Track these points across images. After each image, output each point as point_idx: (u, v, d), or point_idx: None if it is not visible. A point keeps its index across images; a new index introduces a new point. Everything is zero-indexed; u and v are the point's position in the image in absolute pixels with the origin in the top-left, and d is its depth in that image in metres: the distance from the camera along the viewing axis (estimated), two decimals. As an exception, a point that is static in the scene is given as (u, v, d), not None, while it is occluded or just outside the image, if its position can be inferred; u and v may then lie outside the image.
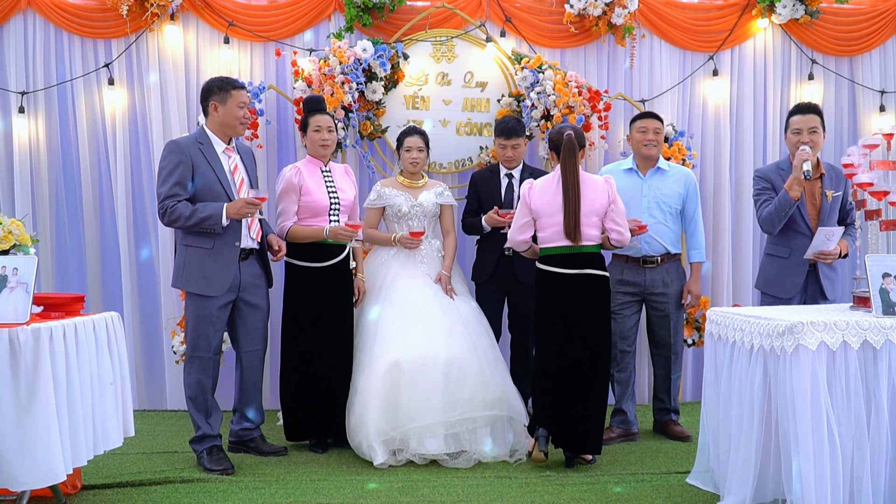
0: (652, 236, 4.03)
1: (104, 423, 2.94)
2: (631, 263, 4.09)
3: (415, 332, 3.74)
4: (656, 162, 4.13)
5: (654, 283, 4.07)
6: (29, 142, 4.74)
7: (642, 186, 4.10)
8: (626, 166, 4.17)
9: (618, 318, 4.07)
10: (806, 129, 3.79)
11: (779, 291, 3.86)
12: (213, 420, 3.60)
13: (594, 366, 3.52)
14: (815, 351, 2.50)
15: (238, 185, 3.61)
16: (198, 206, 3.44)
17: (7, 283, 2.65)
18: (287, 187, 3.84)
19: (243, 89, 3.64)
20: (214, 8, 4.76)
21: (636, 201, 4.05)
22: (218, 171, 3.54)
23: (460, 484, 3.32)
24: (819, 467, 2.46)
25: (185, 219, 3.43)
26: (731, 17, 5.08)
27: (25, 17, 4.73)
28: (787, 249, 3.86)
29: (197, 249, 3.52)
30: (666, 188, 4.10)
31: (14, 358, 2.56)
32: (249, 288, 3.66)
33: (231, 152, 3.65)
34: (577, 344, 3.51)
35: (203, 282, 3.51)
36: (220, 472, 3.45)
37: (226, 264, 3.53)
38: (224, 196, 3.52)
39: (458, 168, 4.86)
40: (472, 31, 4.83)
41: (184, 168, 3.47)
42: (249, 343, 3.73)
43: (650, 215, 4.04)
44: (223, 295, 3.55)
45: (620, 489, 3.26)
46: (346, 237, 3.81)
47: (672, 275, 4.10)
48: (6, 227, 2.96)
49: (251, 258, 3.68)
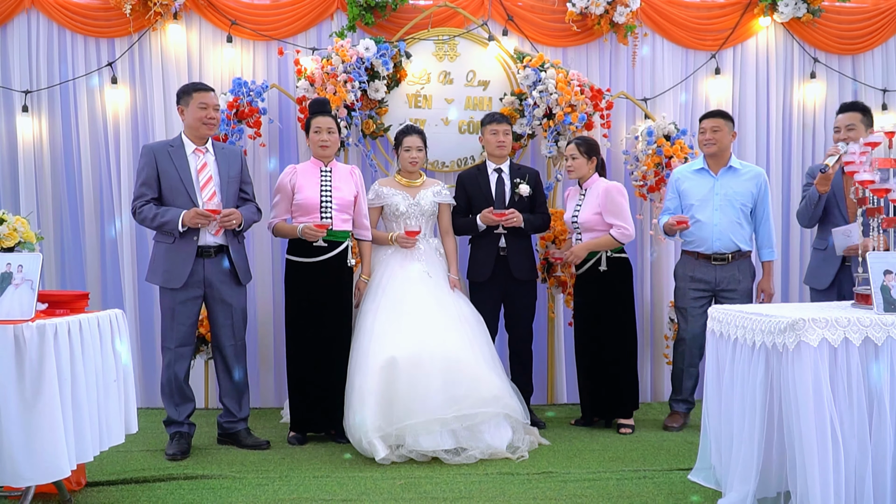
0: (724, 234, 4.14)
1: (108, 420, 2.95)
2: (701, 260, 4.20)
3: (411, 330, 3.76)
4: (728, 160, 4.22)
5: (724, 280, 4.17)
6: (32, 140, 4.76)
7: (714, 185, 4.21)
8: (697, 166, 4.29)
9: (688, 315, 4.24)
10: (844, 126, 3.91)
11: (817, 283, 4.00)
12: (181, 408, 3.82)
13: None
14: (816, 347, 2.50)
15: (203, 183, 3.78)
16: (160, 209, 3.70)
17: (12, 280, 2.66)
18: (278, 186, 4.01)
19: (207, 91, 3.83)
20: (217, 7, 4.78)
21: (708, 199, 4.18)
22: (181, 171, 3.76)
23: (462, 480, 3.33)
24: (822, 463, 2.46)
25: (149, 220, 3.72)
26: (734, 15, 5.09)
27: (29, 16, 4.74)
28: (824, 242, 3.96)
29: (162, 244, 3.78)
30: (738, 186, 4.19)
31: (19, 354, 2.56)
32: (217, 285, 3.81)
33: (201, 153, 3.84)
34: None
35: (166, 275, 3.75)
36: (169, 458, 3.68)
37: (184, 259, 3.72)
38: (185, 194, 3.74)
39: (459, 167, 4.87)
40: (475, 29, 4.84)
41: (149, 169, 3.75)
42: (223, 337, 3.89)
43: (722, 213, 4.15)
44: (185, 289, 3.74)
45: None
46: (312, 236, 3.88)
47: (743, 272, 4.19)
48: (11, 225, 2.98)
49: (219, 256, 3.82)
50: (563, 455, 3.74)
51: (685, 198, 4.27)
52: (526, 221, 4.23)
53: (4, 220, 3.02)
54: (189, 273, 3.72)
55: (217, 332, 3.90)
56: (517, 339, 4.37)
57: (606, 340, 4.18)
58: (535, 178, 4.37)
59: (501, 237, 4.22)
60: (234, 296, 3.87)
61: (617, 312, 4.19)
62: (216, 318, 3.87)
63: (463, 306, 4.04)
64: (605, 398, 4.23)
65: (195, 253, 3.73)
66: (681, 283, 4.32)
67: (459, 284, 4.17)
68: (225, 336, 3.89)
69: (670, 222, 4.09)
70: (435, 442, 3.58)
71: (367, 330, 3.85)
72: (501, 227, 4.19)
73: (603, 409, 4.28)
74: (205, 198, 3.77)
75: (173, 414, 3.81)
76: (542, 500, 3.11)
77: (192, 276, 3.73)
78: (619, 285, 4.22)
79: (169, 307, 3.78)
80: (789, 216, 5.14)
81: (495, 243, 4.23)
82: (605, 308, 4.18)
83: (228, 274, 3.84)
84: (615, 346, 4.19)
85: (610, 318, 4.18)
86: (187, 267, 3.71)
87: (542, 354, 4.92)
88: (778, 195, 5.15)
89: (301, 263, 3.96)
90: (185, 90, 3.84)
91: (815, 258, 4.07)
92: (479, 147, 4.81)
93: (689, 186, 4.27)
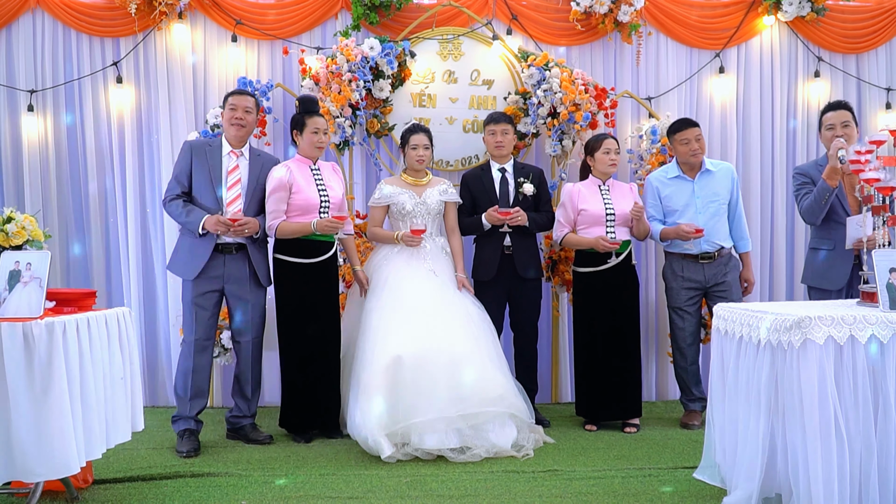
0: (708, 235, 4.21)
1: (115, 418, 2.97)
2: (689, 260, 4.29)
3: (417, 328, 3.76)
4: (702, 165, 4.31)
5: (713, 277, 4.27)
6: (38, 140, 4.77)
7: (693, 189, 4.29)
8: (673, 174, 4.34)
9: (685, 314, 4.31)
10: (839, 123, 3.91)
11: (827, 284, 3.92)
12: (194, 402, 3.87)
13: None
14: (822, 345, 2.50)
15: (230, 184, 3.89)
16: (186, 208, 3.85)
17: (21, 278, 2.67)
18: (277, 186, 3.92)
19: (238, 94, 4.00)
20: (222, 6, 4.79)
21: (690, 204, 4.27)
22: (213, 170, 3.89)
23: (468, 479, 3.33)
24: (826, 462, 2.46)
25: (175, 215, 3.90)
26: (738, 14, 5.09)
27: (34, 16, 4.75)
28: (830, 241, 3.92)
29: (187, 237, 3.92)
30: (715, 187, 4.30)
31: (28, 351, 2.58)
32: (235, 281, 3.90)
33: (235, 156, 3.95)
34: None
35: (183, 266, 3.89)
36: (184, 455, 3.70)
37: (202, 253, 3.83)
38: (211, 192, 3.87)
39: (464, 166, 4.88)
40: (479, 28, 4.85)
41: (184, 164, 3.92)
42: (238, 334, 3.98)
43: (704, 215, 4.24)
44: (203, 283, 3.85)
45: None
46: (332, 228, 3.91)
47: (729, 265, 4.31)
48: (20, 223, 2.99)
49: (239, 254, 3.89)
50: (568, 453, 3.75)
51: (667, 204, 4.35)
52: (531, 220, 4.24)
53: (13, 219, 3.03)
54: (204, 267, 3.82)
55: (233, 328, 3.98)
56: (522, 338, 4.38)
57: (613, 343, 4.17)
58: (539, 177, 4.38)
59: (506, 236, 4.23)
60: (253, 294, 3.95)
61: (624, 315, 4.20)
62: (234, 313, 3.95)
63: (469, 305, 4.04)
64: (607, 401, 4.20)
65: (212, 248, 3.84)
66: (673, 283, 4.36)
67: (467, 283, 4.17)
68: (240, 332, 3.96)
69: (686, 230, 4.14)
70: (440, 440, 3.59)
71: (372, 328, 3.85)
72: (506, 226, 4.20)
73: (605, 411, 4.24)
74: (229, 199, 3.85)
75: (184, 410, 3.85)
76: (548, 497, 3.11)
77: (211, 270, 3.85)
78: (630, 287, 4.25)
79: (189, 299, 3.88)
80: (793, 214, 5.14)
81: (500, 242, 4.23)
82: (611, 310, 4.17)
83: (248, 273, 3.92)
84: (622, 350, 4.18)
85: (616, 320, 4.18)
86: (203, 260, 3.82)
87: (547, 353, 4.93)
88: (782, 194, 5.16)
89: (293, 263, 3.96)
90: (225, 96, 4.04)
91: (819, 258, 4.00)
92: (484, 146, 4.81)
93: (670, 193, 4.34)
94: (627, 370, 4.20)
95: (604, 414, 4.25)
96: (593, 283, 4.21)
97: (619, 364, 4.18)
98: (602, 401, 4.21)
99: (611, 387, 4.19)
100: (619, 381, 4.18)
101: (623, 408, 4.22)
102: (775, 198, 5.17)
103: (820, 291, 3.95)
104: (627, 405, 4.22)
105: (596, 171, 4.27)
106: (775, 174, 5.13)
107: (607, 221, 4.18)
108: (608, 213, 4.18)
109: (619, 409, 4.22)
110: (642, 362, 4.42)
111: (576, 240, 4.21)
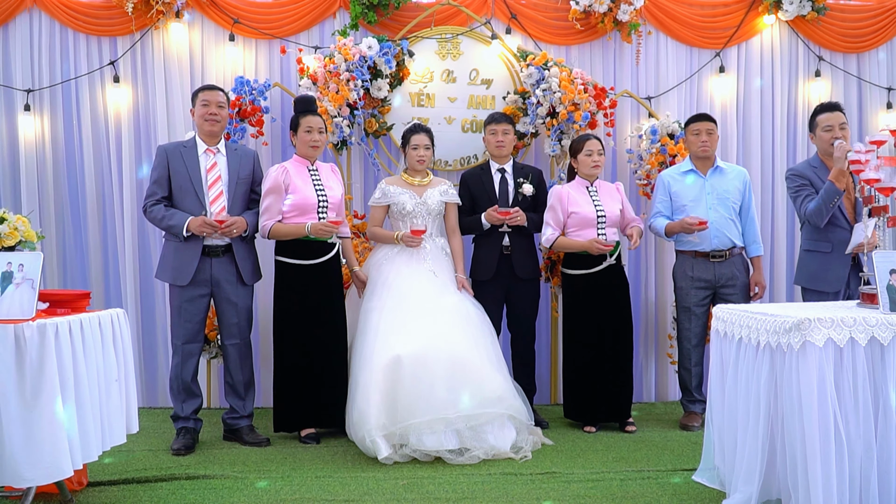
0: (720, 231, 4.21)
1: (109, 420, 2.94)
2: (699, 258, 4.26)
3: (416, 328, 3.74)
4: (714, 161, 4.31)
5: (723, 277, 4.24)
6: (34, 139, 4.75)
7: (704, 185, 4.28)
8: (685, 168, 4.35)
9: (692, 315, 4.28)
10: (836, 124, 3.90)
11: (824, 286, 3.89)
12: (187, 404, 3.90)
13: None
14: (822, 347, 2.48)
15: (210, 182, 3.87)
16: (168, 212, 3.82)
17: (13, 280, 2.65)
18: (272, 186, 3.89)
19: (209, 90, 3.96)
20: (219, 5, 4.77)
21: (700, 198, 4.25)
22: (191, 171, 3.86)
23: (465, 481, 3.31)
24: (826, 465, 2.44)
25: (157, 221, 3.86)
26: (738, 13, 5.07)
27: (31, 15, 4.73)
28: (828, 244, 3.89)
29: (172, 243, 3.88)
30: (727, 185, 4.28)
31: (19, 354, 2.55)
32: (223, 284, 3.89)
33: (212, 153, 3.92)
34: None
35: (174, 272, 3.85)
36: (174, 452, 3.73)
37: (191, 257, 3.81)
38: (193, 193, 3.84)
39: (463, 165, 4.86)
40: (478, 28, 4.82)
41: (161, 169, 3.89)
42: (227, 336, 3.99)
43: (715, 211, 4.21)
44: (192, 287, 3.83)
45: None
46: (327, 232, 3.88)
47: (739, 268, 4.28)
48: (12, 224, 2.97)
49: (226, 256, 3.88)
50: (566, 455, 3.73)
51: (677, 199, 4.31)
52: (530, 220, 4.23)
53: (5, 220, 3.01)
54: (195, 271, 3.80)
55: (221, 331, 4.00)
56: (520, 338, 4.36)
57: (605, 345, 4.14)
58: (538, 178, 4.36)
59: (505, 236, 4.21)
60: (239, 295, 3.93)
61: (617, 316, 4.18)
62: (222, 316, 3.95)
63: (469, 306, 4.01)
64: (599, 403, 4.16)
65: (201, 252, 3.82)
66: (682, 282, 4.32)
67: (467, 284, 4.15)
68: (229, 335, 3.97)
69: (690, 221, 4.11)
70: (438, 441, 3.56)
71: (372, 328, 3.83)
72: (505, 226, 4.18)
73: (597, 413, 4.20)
74: (211, 197, 3.82)
75: (179, 410, 3.90)
76: (546, 500, 3.09)
77: (199, 273, 3.82)
78: (621, 287, 4.22)
79: (177, 304, 3.88)
80: (794, 215, 5.11)
81: (499, 242, 4.22)
82: (604, 311, 4.14)
83: (235, 274, 3.90)
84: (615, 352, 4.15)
85: (609, 321, 4.15)
86: (193, 265, 3.80)
87: (546, 354, 4.91)
88: (782, 194, 5.12)
89: (294, 265, 3.93)
90: (194, 93, 4.00)
91: (815, 260, 3.94)
92: (482, 146, 4.79)
93: (680, 188, 4.31)
94: (620, 371, 4.17)
95: (592, 417, 4.20)
96: (584, 285, 4.17)
97: (611, 367, 4.14)
98: (594, 403, 4.16)
99: (603, 390, 4.15)
100: (611, 384, 4.15)
101: (615, 410, 4.18)
102: (775, 198, 5.14)
103: (815, 293, 3.92)
104: (621, 407, 4.19)
105: (581, 173, 4.25)
106: (775, 174, 5.11)
107: (598, 223, 4.16)
108: (598, 214, 4.16)
109: (610, 410, 4.19)
110: (642, 363, 4.40)
111: (568, 243, 4.17)
